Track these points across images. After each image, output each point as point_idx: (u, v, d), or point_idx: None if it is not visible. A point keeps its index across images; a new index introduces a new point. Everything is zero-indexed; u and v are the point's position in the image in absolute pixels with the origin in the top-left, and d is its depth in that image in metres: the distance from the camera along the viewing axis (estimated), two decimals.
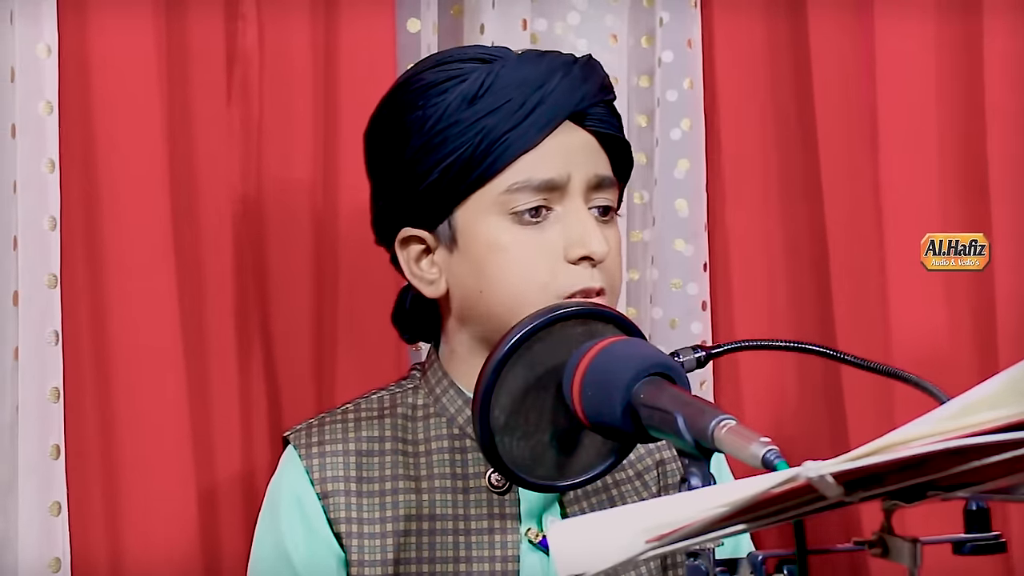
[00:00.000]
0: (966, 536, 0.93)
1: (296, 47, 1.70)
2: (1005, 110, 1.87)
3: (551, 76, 1.32)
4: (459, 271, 1.33)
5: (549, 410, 1.06)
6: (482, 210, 1.31)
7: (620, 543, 0.72)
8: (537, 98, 1.31)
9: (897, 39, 1.91)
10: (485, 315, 1.32)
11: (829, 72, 1.86)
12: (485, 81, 1.31)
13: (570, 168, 1.31)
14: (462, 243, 1.32)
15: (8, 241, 1.44)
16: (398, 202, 1.35)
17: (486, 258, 1.31)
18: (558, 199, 1.31)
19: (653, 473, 1.40)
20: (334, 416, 1.39)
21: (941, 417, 0.69)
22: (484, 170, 1.30)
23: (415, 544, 1.32)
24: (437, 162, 1.30)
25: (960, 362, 1.90)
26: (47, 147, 1.46)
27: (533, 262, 1.30)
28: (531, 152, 1.30)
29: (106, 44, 1.52)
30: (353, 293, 1.69)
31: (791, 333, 1.88)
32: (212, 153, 1.63)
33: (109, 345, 1.52)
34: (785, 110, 1.91)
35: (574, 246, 1.30)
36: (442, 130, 1.30)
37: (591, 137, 1.35)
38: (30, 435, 1.42)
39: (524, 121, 1.30)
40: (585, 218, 1.31)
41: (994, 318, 1.87)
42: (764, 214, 1.92)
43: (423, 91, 1.33)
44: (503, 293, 1.30)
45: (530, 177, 1.30)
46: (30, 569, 1.42)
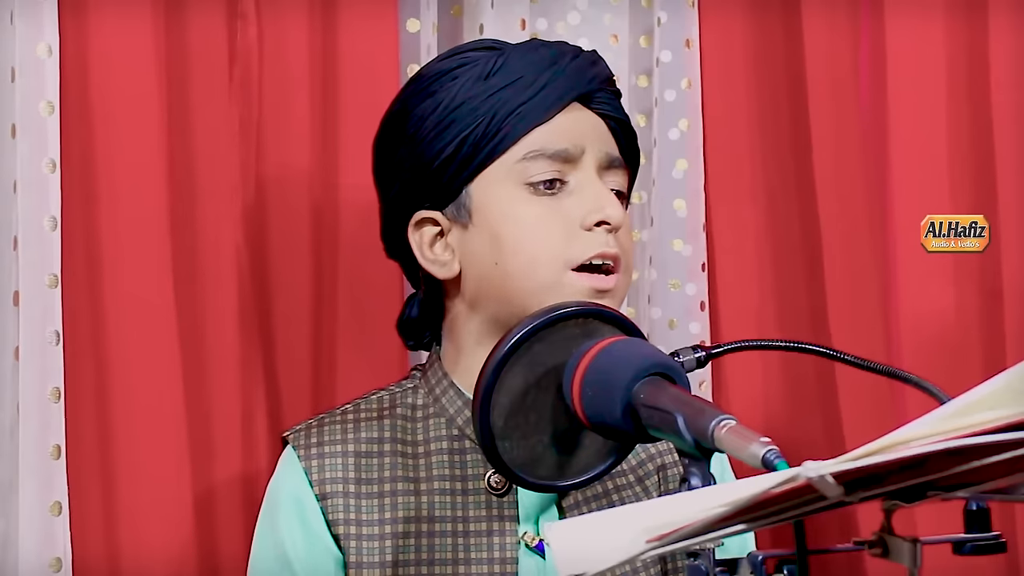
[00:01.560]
0: (966, 536, 0.93)
1: (296, 46, 1.70)
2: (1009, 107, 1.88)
3: (561, 57, 1.36)
4: (473, 247, 1.34)
5: (549, 410, 1.06)
6: (497, 182, 1.32)
7: (620, 543, 0.72)
8: (548, 76, 1.34)
9: (906, 36, 1.91)
10: (499, 288, 1.32)
11: (825, 72, 1.87)
12: (497, 61, 1.34)
13: (583, 143, 1.34)
14: (477, 217, 1.33)
15: (8, 241, 1.44)
16: (412, 183, 1.35)
17: (501, 229, 1.32)
18: (571, 171, 1.33)
19: (654, 478, 1.40)
20: (333, 417, 1.39)
21: (941, 417, 0.69)
22: (498, 142, 1.32)
23: (414, 546, 1.32)
24: (452, 138, 1.32)
25: (965, 353, 1.90)
26: (48, 147, 1.46)
27: (548, 231, 1.31)
28: (544, 125, 1.33)
29: (106, 44, 1.52)
30: (353, 291, 1.69)
31: (789, 333, 1.88)
32: (212, 152, 1.63)
33: (110, 345, 1.52)
34: (783, 110, 1.91)
35: (590, 212, 1.31)
36: (456, 108, 1.32)
37: (599, 119, 1.38)
38: (31, 435, 1.43)
39: (536, 95, 1.33)
40: (599, 187, 1.33)
41: (1001, 305, 1.87)
42: (762, 214, 1.92)
43: (435, 79, 1.35)
44: (519, 263, 1.31)
45: (544, 146, 1.32)
46: (31, 569, 1.42)
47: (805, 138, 1.87)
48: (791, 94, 1.89)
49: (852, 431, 1.83)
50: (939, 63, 1.92)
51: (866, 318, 1.86)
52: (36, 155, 1.45)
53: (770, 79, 1.91)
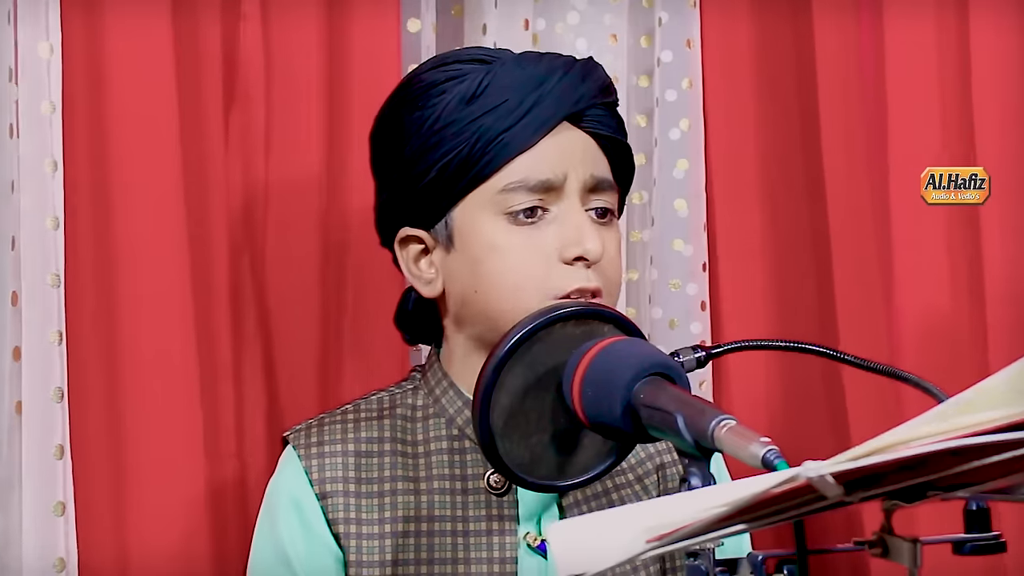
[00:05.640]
0: (966, 536, 0.93)
1: (301, 47, 1.69)
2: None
3: (549, 76, 1.32)
4: (456, 271, 1.33)
5: (549, 410, 1.06)
6: (478, 210, 1.31)
7: (620, 543, 0.72)
8: (534, 98, 1.31)
9: (905, 35, 1.91)
10: (481, 315, 1.32)
11: (828, 70, 1.86)
12: (483, 81, 1.31)
13: (566, 168, 1.31)
14: (459, 243, 1.32)
15: (7, 241, 1.44)
16: (398, 201, 1.35)
17: (481, 258, 1.31)
18: (554, 200, 1.31)
19: (653, 478, 1.40)
20: (333, 417, 1.39)
21: (941, 415, 0.69)
22: (480, 170, 1.30)
23: (414, 545, 1.32)
24: (435, 161, 1.30)
25: (967, 355, 1.90)
26: (49, 147, 1.46)
27: (528, 262, 1.29)
28: (527, 152, 1.30)
29: (111, 43, 1.52)
30: (360, 294, 1.69)
31: (791, 333, 1.87)
32: (217, 152, 1.63)
33: (112, 345, 1.52)
34: (784, 109, 1.91)
35: (569, 246, 1.29)
36: (440, 130, 1.30)
37: (589, 138, 1.34)
38: (34, 435, 1.43)
39: (520, 121, 1.30)
40: (580, 218, 1.31)
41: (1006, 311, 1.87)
42: (763, 214, 1.92)
43: (423, 91, 1.33)
44: (498, 293, 1.30)
45: (526, 177, 1.30)
46: (34, 569, 1.42)
47: (806, 138, 1.87)
48: (792, 94, 1.89)
49: (855, 431, 1.83)
50: (936, 57, 1.92)
51: (868, 319, 1.86)
52: (37, 155, 1.45)
53: (771, 79, 1.91)
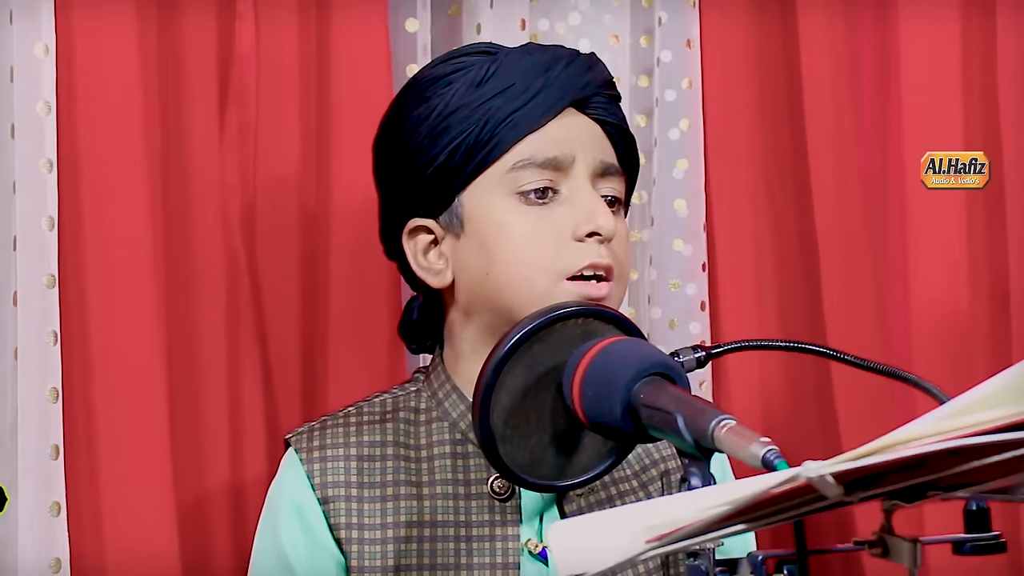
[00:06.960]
0: (966, 536, 0.93)
1: (289, 46, 1.69)
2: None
3: (556, 63, 1.34)
4: (466, 256, 1.33)
5: (549, 410, 1.06)
6: (488, 191, 1.31)
7: (620, 543, 0.72)
8: (541, 82, 1.32)
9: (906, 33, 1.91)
10: (491, 299, 1.31)
11: (826, 71, 1.86)
12: (490, 68, 1.32)
13: (574, 150, 1.32)
14: (469, 227, 1.32)
15: (8, 241, 1.44)
16: (406, 190, 1.35)
17: (492, 239, 1.31)
18: (564, 181, 1.31)
19: (657, 484, 1.39)
20: (336, 419, 1.38)
21: (941, 417, 0.69)
22: (490, 150, 1.31)
23: (416, 550, 1.31)
24: (444, 145, 1.31)
25: (969, 358, 1.90)
26: (45, 147, 1.46)
27: (539, 241, 1.29)
28: (536, 133, 1.31)
29: (103, 43, 1.52)
30: (346, 295, 1.68)
31: (789, 333, 1.87)
32: (207, 153, 1.63)
33: (107, 345, 1.51)
34: (783, 110, 1.91)
35: (581, 223, 1.29)
36: (448, 115, 1.31)
37: (596, 125, 1.36)
38: (29, 435, 1.43)
39: (529, 103, 1.31)
40: (592, 196, 1.31)
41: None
42: (763, 214, 1.92)
43: (430, 84, 1.34)
44: (509, 273, 1.30)
45: (534, 155, 1.30)
46: (30, 569, 1.42)
47: (805, 138, 1.87)
48: (792, 94, 1.89)
49: (850, 431, 1.83)
50: (936, 56, 1.92)
51: (868, 319, 1.86)
52: (34, 155, 1.45)
53: (771, 79, 1.91)
